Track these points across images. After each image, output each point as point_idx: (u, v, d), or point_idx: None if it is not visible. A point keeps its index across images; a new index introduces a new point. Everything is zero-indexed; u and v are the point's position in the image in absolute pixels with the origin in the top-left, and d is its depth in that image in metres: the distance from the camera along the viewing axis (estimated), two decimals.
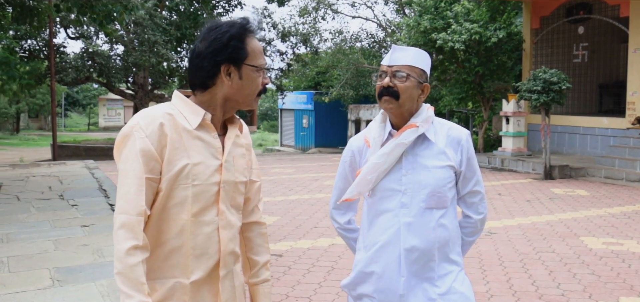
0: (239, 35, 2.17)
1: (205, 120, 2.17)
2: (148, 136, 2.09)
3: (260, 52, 2.24)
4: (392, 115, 2.64)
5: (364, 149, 2.72)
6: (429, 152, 2.62)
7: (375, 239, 2.66)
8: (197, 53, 2.19)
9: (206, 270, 2.19)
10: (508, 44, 18.53)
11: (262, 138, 45.24)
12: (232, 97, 2.21)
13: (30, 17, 10.30)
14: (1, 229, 7.41)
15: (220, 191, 2.19)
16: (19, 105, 51.52)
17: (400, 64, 2.58)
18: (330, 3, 32.27)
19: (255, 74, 2.22)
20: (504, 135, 17.96)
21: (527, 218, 9.76)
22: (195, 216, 2.15)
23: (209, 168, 2.16)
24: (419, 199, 2.57)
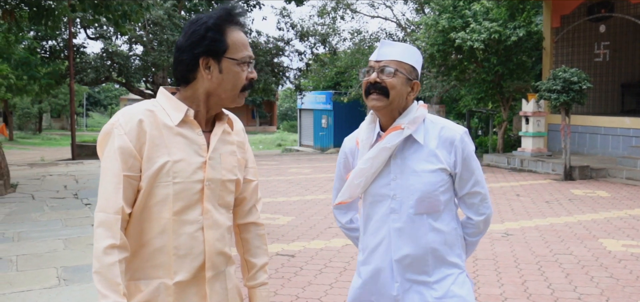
0: (217, 26, 2.07)
1: (188, 116, 2.09)
2: (127, 133, 2.03)
3: (244, 43, 2.14)
4: (380, 114, 2.52)
5: (356, 150, 2.62)
6: (418, 155, 2.49)
7: (368, 244, 2.58)
8: (178, 46, 2.12)
9: (191, 271, 2.10)
10: (528, 43, 18.29)
11: (282, 138, 45.26)
12: (213, 92, 2.12)
13: (45, 18, 10.34)
14: (13, 228, 7.44)
15: (205, 189, 2.10)
16: (41, 105, 52.10)
17: (388, 60, 2.45)
18: (349, 3, 32.15)
19: (237, 67, 2.11)
20: (524, 136, 17.73)
21: (545, 219, 9.58)
22: (177, 214, 2.07)
23: (191, 165, 2.08)
24: (408, 205, 2.46)
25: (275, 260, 7.02)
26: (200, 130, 2.12)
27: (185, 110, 2.08)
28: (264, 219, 8.93)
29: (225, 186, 2.18)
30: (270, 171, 17.83)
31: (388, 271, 2.50)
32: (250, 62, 2.15)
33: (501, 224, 9.19)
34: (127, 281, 2.08)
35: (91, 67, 25.07)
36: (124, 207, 2.02)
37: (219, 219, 2.17)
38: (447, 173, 2.48)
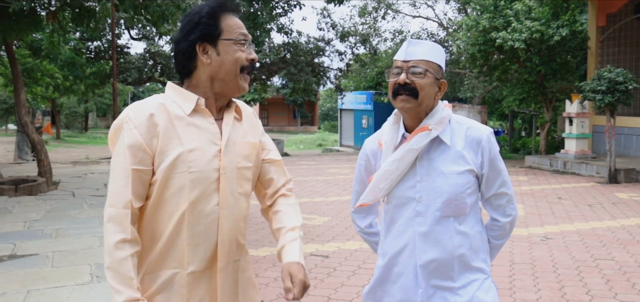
0: (210, 13, 2.12)
1: (199, 104, 2.10)
2: (137, 127, 2.03)
3: (237, 25, 2.16)
4: (408, 116, 2.44)
5: (378, 152, 2.55)
6: (445, 156, 2.42)
7: (391, 248, 2.50)
8: (175, 40, 2.16)
9: (204, 260, 2.10)
10: (572, 43, 17.90)
11: (322, 138, 45.23)
12: (215, 75, 2.13)
13: (87, 19, 10.53)
14: (52, 224, 7.58)
15: (221, 178, 2.09)
16: (87, 105, 53.16)
17: (416, 59, 2.37)
18: (390, 2, 32.00)
19: (234, 47, 2.13)
20: (567, 137, 17.35)
21: (587, 223, 9.34)
22: (194, 204, 2.07)
23: (206, 154, 2.08)
24: (434, 208, 2.39)
25: (309, 260, 6.99)
26: (213, 119, 2.13)
27: (196, 99, 2.10)
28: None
29: (242, 174, 2.18)
30: (309, 171, 17.83)
31: (411, 276, 2.43)
32: (245, 41, 2.16)
33: (541, 227, 9.00)
34: (142, 275, 2.08)
35: (134, 67, 25.45)
36: (133, 201, 2.01)
37: (236, 208, 2.16)
38: (474, 174, 2.42)
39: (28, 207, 9.25)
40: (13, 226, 7.92)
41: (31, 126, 11.97)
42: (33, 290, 5.08)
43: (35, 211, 8.82)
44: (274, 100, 56.54)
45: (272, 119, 63.43)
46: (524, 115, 24.30)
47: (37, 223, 8.06)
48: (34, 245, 6.80)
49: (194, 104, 2.09)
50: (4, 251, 6.51)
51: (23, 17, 10.58)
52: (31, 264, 5.93)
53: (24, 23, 10.74)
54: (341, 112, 37.85)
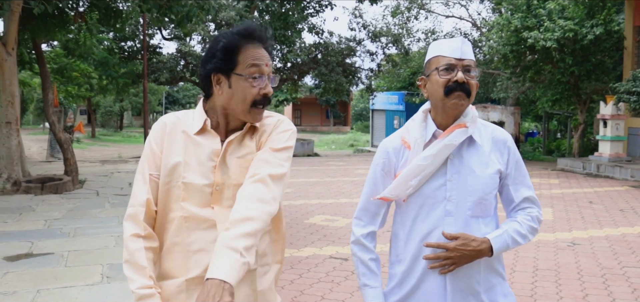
0: (229, 44, 2.13)
1: (206, 125, 2.17)
2: (153, 137, 2.20)
3: (255, 58, 2.14)
4: (451, 115, 2.36)
5: (402, 150, 2.43)
6: (476, 155, 2.37)
7: (415, 252, 2.37)
8: (202, 61, 2.21)
9: (204, 266, 2.05)
10: (607, 42, 17.47)
11: (354, 138, 45.12)
12: (227, 106, 2.16)
13: (114, 19, 10.64)
14: (72, 223, 7.62)
15: (214, 192, 2.11)
16: (122, 104, 53.93)
17: (470, 59, 2.33)
18: (423, 2, 31.72)
19: (245, 82, 2.13)
20: (601, 140, 16.95)
21: (617, 229, 9.06)
22: (188, 213, 2.11)
23: (200, 168, 2.12)
24: (465, 207, 2.31)
25: (328, 263, 6.90)
26: (218, 139, 2.17)
27: (204, 119, 2.18)
28: (323, 221, 8.83)
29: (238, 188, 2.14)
30: (336, 172, 17.74)
31: (439, 281, 2.33)
32: (258, 76, 2.14)
33: (569, 232, 8.75)
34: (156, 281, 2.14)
35: (166, 67, 25.66)
36: (150, 200, 2.14)
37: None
38: (500, 175, 2.39)
39: (51, 206, 9.33)
40: (34, 224, 7.99)
41: (58, 125, 12.10)
42: (43, 289, 5.08)
43: (57, 210, 8.89)
44: (306, 100, 56.60)
45: (305, 119, 63.51)
46: (559, 117, 23.85)
47: (58, 222, 8.11)
48: (51, 244, 6.83)
49: (202, 123, 2.17)
50: (21, 250, 6.56)
51: (51, 18, 10.72)
52: (45, 263, 5.95)
53: (51, 24, 10.89)
54: (373, 113, 37.69)
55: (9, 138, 11.00)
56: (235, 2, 24.87)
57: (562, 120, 23.82)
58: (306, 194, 12.64)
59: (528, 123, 36.05)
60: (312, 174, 17.20)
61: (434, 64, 2.34)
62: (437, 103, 2.35)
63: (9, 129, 10.99)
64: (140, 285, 2.02)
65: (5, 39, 10.74)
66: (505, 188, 2.43)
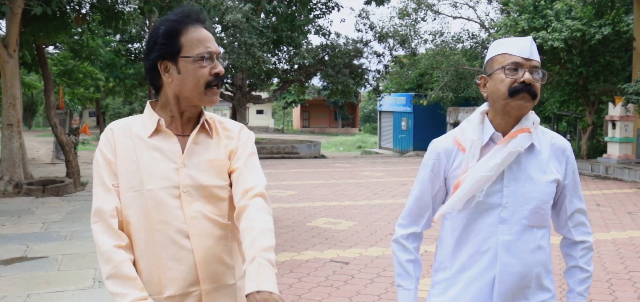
0: (167, 32, 2.01)
1: (160, 126, 2.04)
2: (104, 146, 2.04)
3: (200, 40, 2.02)
4: (515, 118, 2.24)
5: (455, 151, 2.31)
6: (535, 161, 2.25)
7: (465, 260, 2.27)
8: (143, 55, 2.03)
9: (181, 284, 1.96)
10: (615, 43, 17.29)
11: (362, 140, 44.99)
12: (179, 93, 2.03)
13: (115, 20, 10.60)
14: (70, 226, 7.57)
15: (182, 196, 1.98)
16: (132, 106, 54.08)
17: (537, 60, 2.20)
18: (430, 3, 31.58)
19: (195, 64, 2.00)
20: (610, 141, 16.77)
21: (625, 232, 8.90)
22: (158, 223, 1.97)
23: (162, 173, 1.99)
24: (521, 215, 2.20)
25: (328, 267, 6.80)
26: (175, 139, 2.04)
27: (157, 120, 2.04)
28: (326, 224, 8.73)
29: (210, 192, 2.03)
30: (342, 174, 17.64)
31: (487, 291, 2.22)
32: (207, 57, 2.01)
33: None
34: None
35: None
36: (119, 209, 1.98)
37: (209, 228, 2.02)
38: (557, 184, 2.27)
39: (51, 209, 9.28)
40: (31, 227, 7.94)
41: (61, 127, 12.07)
42: (33, 294, 5.02)
43: (56, 212, 8.84)
44: (315, 101, 56.56)
45: (313, 121, 63.48)
46: (569, 118, 23.67)
47: (55, 225, 8.06)
48: (46, 247, 6.77)
49: (155, 125, 2.04)
50: (16, 253, 6.49)
51: (52, 20, 10.68)
52: (38, 267, 5.88)
53: (53, 26, 10.84)
54: (380, 114, 37.59)
55: (11, 140, 10.96)
56: (242, 4, 24.82)
57: (572, 121, 23.61)
58: (310, 196, 12.54)
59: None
60: (317, 176, 17.11)
61: (498, 62, 2.22)
62: (499, 103, 2.22)
63: (10, 131, 10.96)
64: (134, 298, 1.85)
65: (6, 40, 10.71)
66: (561, 198, 2.32)
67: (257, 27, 24.83)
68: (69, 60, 22.28)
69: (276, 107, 64.90)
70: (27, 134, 33.03)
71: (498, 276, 2.20)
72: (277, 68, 27.74)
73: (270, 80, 29.60)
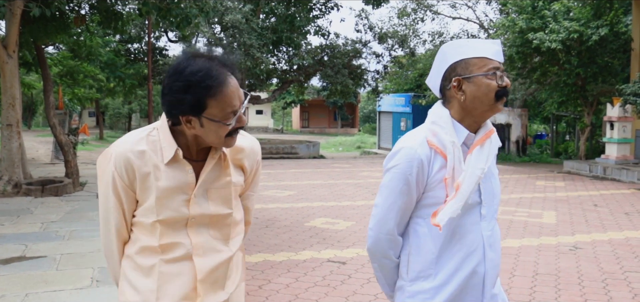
0: (195, 99, 1.93)
1: (177, 155, 2.05)
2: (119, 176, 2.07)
3: (226, 101, 1.95)
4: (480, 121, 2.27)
5: (433, 156, 2.20)
6: (494, 158, 2.38)
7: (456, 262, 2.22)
8: (161, 92, 2.03)
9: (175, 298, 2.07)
10: (613, 44, 17.31)
11: (362, 140, 44.94)
12: (199, 136, 2.05)
13: (114, 21, 10.63)
14: (68, 226, 7.59)
15: (189, 223, 2.08)
16: (131, 106, 54.05)
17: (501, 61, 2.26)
18: (430, 4, 31.62)
19: (220, 123, 1.98)
20: (608, 142, 16.80)
21: (621, 233, 8.93)
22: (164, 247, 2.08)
23: (175, 201, 2.05)
24: (493, 210, 2.30)
25: (325, 267, 6.83)
26: (190, 169, 2.07)
27: (175, 149, 2.04)
28: (324, 224, 8.73)
29: (215, 220, 2.14)
30: (340, 174, 17.66)
31: (479, 288, 2.24)
32: (232, 116, 1.99)
33: (571, 236, 8.63)
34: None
35: None
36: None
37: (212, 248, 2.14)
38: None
39: (50, 208, 9.31)
40: (30, 227, 7.96)
41: (59, 128, 12.09)
42: (31, 293, 5.04)
43: (55, 212, 8.86)
44: (314, 102, 56.58)
45: (312, 121, 63.48)
46: (568, 119, 23.70)
47: (54, 224, 8.08)
48: (45, 247, 6.80)
49: (172, 153, 2.04)
50: (15, 253, 6.52)
51: (51, 20, 10.71)
52: (37, 267, 5.91)
53: (51, 27, 10.87)
54: (380, 115, 37.58)
55: (10, 140, 10.98)
56: (241, 5, 24.86)
57: (571, 122, 23.63)
58: (308, 196, 12.57)
59: (536, 125, 35.85)
60: (316, 176, 17.13)
61: (478, 66, 2.17)
62: (481, 107, 2.18)
63: (10, 131, 10.98)
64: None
65: (6, 41, 10.73)
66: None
67: (256, 28, 24.87)
68: (69, 60, 22.32)
69: (276, 108, 64.89)
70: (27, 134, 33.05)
71: (487, 272, 2.24)
72: (276, 68, 27.79)
73: (269, 81, 29.64)
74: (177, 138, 2.06)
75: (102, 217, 2.12)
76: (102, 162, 2.09)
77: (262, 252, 7.43)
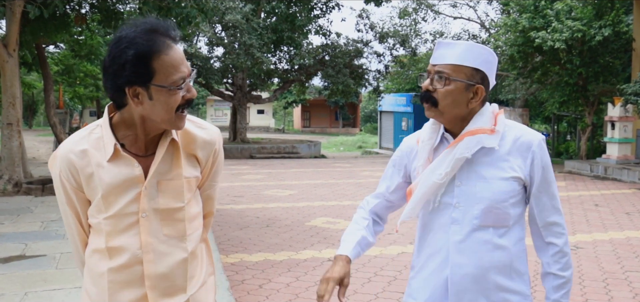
0: (140, 54, 1.81)
1: (118, 150, 1.93)
2: (67, 179, 1.99)
3: (174, 65, 1.85)
4: (440, 122, 2.24)
5: (416, 149, 2.30)
6: (489, 159, 2.16)
7: (422, 259, 2.28)
8: (103, 68, 1.90)
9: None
10: (615, 44, 17.30)
11: (363, 140, 44.94)
12: (148, 116, 1.91)
13: (114, 20, 10.65)
14: None
15: (141, 221, 1.95)
16: None
17: (443, 63, 2.13)
18: (431, 4, 31.61)
19: (169, 92, 1.86)
20: (609, 142, 16.78)
21: (622, 232, 8.92)
22: (112, 249, 1.96)
23: (123, 198, 1.94)
24: (472, 215, 2.14)
25: (326, 266, 6.81)
26: (135, 162, 1.95)
27: (114, 144, 1.93)
28: (325, 223, 8.71)
29: (168, 215, 2.00)
30: (342, 174, 17.65)
31: (441, 290, 2.19)
32: (181, 83, 1.87)
33: (572, 236, 8.61)
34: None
35: None
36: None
37: (165, 251, 2.00)
38: (520, 183, 2.16)
39: (50, 208, 9.31)
40: (30, 226, 7.97)
41: (60, 127, 12.10)
42: (31, 292, 5.05)
43: (55, 211, 8.86)
44: (315, 102, 56.56)
45: (314, 121, 63.47)
46: (569, 119, 23.69)
47: (54, 224, 8.09)
48: (44, 246, 6.80)
49: (112, 150, 1.93)
50: (14, 251, 6.52)
51: (51, 19, 10.71)
52: (36, 266, 5.91)
53: (52, 26, 10.88)
54: (381, 114, 37.59)
55: (11, 139, 10.99)
56: (242, 5, 24.86)
57: (572, 122, 23.62)
58: (309, 196, 12.56)
59: (538, 125, 35.84)
60: (316, 176, 17.12)
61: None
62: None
63: (10, 130, 10.98)
64: None
65: (6, 40, 10.74)
66: (530, 197, 2.21)
67: (256, 28, 24.86)
68: (69, 59, 22.34)
69: (277, 107, 64.87)
70: (27, 133, 33.09)
71: (450, 277, 2.16)
72: (277, 68, 27.78)
73: (270, 80, 29.63)
74: (123, 131, 1.96)
75: (64, 221, 2.06)
76: (51, 166, 2.02)
77: (262, 252, 7.42)
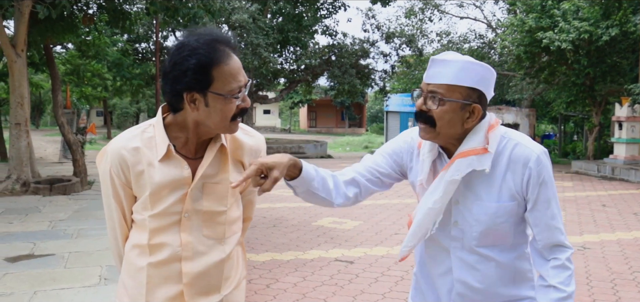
0: (201, 64, 1.88)
1: (170, 151, 2.00)
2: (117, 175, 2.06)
3: (232, 73, 1.92)
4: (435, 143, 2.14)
5: (416, 153, 2.23)
6: (484, 180, 2.06)
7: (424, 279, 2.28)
8: (163, 73, 1.97)
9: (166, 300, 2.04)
10: (623, 44, 17.23)
11: (369, 140, 44.92)
12: (202, 122, 1.97)
13: (122, 20, 10.68)
14: (76, 225, 7.63)
15: (182, 220, 2.02)
16: (139, 106, 54.27)
17: (437, 83, 2.00)
18: (437, 3, 31.57)
19: (225, 100, 1.92)
20: (616, 142, 16.73)
21: (630, 233, 8.89)
22: (153, 246, 2.03)
23: (170, 198, 2.00)
24: (471, 236, 2.09)
25: (333, 266, 6.82)
26: (186, 164, 2.02)
27: (167, 145, 2.00)
28: (331, 223, 8.73)
29: (208, 217, 2.06)
30: None
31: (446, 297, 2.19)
32: (238, 92, 1.94)
33: (580, 236, 8.60)
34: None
35: None
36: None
37: (204, 250, 2.06)
38: (518, 202, 2.06)
39: (58, 207, 9.36)
40: (38, 225, 8.01)
41: (68, 127, 12.15)
42: (40, 291, 5.07)
43: (63, 211, 8.91)
44: (322, 102, 56.58)
45: (320, 121, 63.49)
46: (576, 119, 23.62)
47: (62, 223, 8.13)
48: (53, 245, 6.84)
49: (165, 150, 1.99)
50: (23, 251, 6.56)
51: (59, 20, 10.76)
52: (45, 265, 5.95)
53: (60, 26, 10.92)
54: (387, 114, 37.58)
55: (19, 139, 11.03)
56: (249, 5, 24.89)
57: (579, 122, 23.56)
58: None
59: (544, 125, 35.75)
60: None
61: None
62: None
63: (18, 130, 11.03)
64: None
65: (14, 40, 10.79)
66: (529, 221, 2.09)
67: (263, 27, 24.89)
68: (77, 59, 22.42)
69: (283, 107, 64.94)
70: (35, 133, 33.22)
71: (455, 288, 2.15)
72: (284, 68, 27.80)
73: (277, 80, 29.66)
74: (175, 133, 2.02)
75: (106, 214, 2.12)
76: (99, 161, 2.08)
77: (269, 251, 7.43)
